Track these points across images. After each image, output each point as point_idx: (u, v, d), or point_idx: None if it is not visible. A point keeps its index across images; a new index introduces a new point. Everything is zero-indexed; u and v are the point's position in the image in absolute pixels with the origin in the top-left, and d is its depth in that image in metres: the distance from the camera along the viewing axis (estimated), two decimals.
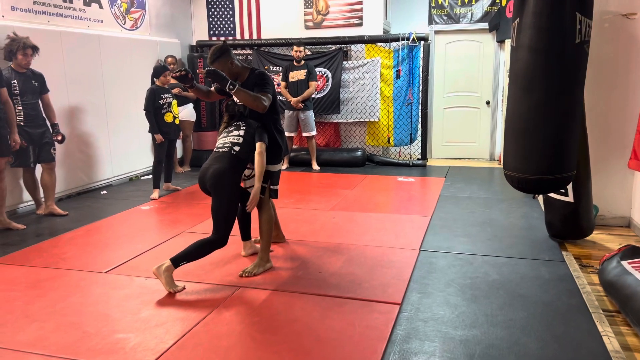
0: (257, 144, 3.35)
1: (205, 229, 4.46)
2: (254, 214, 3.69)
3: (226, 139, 3.37)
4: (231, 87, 3.21)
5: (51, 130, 4.97)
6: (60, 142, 5.05)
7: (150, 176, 6.16)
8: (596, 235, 4.17)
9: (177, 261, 3.15)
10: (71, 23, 5.82)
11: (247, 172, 3.54)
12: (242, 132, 3.37)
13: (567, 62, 3.23)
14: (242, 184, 3.49)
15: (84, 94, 5.92)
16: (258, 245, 3.79)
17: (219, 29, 8.11)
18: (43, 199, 5.10)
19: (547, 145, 3.34)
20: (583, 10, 3.20)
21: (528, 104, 3.33)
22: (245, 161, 3.35)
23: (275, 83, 7.10)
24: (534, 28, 3.23)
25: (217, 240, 3.22)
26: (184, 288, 3.20)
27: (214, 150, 3.41)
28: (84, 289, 3.27)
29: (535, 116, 3.32)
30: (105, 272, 3.53)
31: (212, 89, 3.68)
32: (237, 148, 3.29)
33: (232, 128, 3.44)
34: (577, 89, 3.36)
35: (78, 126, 5.87)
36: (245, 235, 3.77)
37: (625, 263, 2.93)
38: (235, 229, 4.19)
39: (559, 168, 3.38)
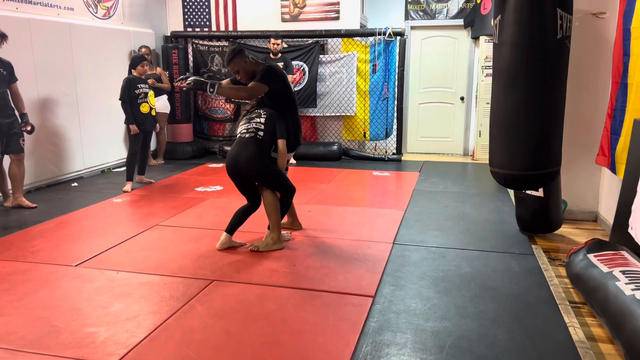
0: (280, 142, 3.68)
1: (178, 222, 4.42)
2: (258, 214, 3.85)
3: (249, 125, 3.69)
4: (211, 89, 3.45)
5: (20, 121, 4.84)
6: (30, 132, 4.92)
7: (123, 168, 6.06)
8: (564, 229, 4.27)
9: (275, 227, 3.66)
10: (40, 10, 5.67)
11: None
12: (262, 120, 3.68)
13: (549, 57, 3.28)
14: None
15: (54, 83, 5.78)
16: (235, 240, 3.80)
17: (194, 19, 8.00)
18: (11, 191, 4.98)
19: (532, 140, 3.38)
20: (563, 6, 3.26)
21: (512, 100, 3.37)
22: (270, 144, 3.67)
23: None
24: (515, 24, 3.27)
25: (288, 193, 3.75)
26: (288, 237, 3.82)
27: (239, 135, 3.72)
28: (53, 282, 3.20)
29: (519, 112, 3.36)
30: (76, 266, 3.47)
31: (223, 82, 3.91)
32: (261, 133, 3.64)
33: (254, 115, 3.74)
34: (560, 84, 3.41)
35: (48, 117, 5.73)
36: (232, 228, 3.77)
37: (591, 256, 3.01)
38: (224, 219, 4.18)
39: (545, 163, 3.43)
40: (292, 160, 7.13)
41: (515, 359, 2.37)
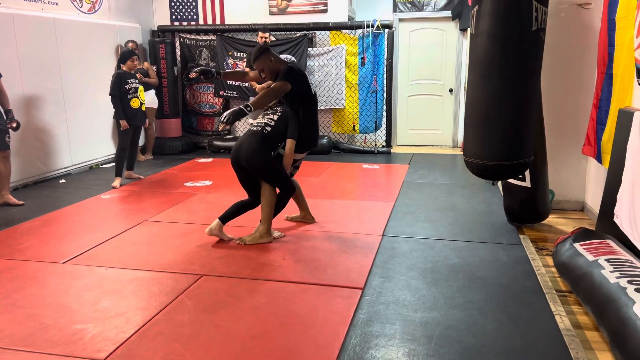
0: (288, 141, 3.73)
1: (167, 217, 4.41)
2: (253, 211, 3.90)
3: (262, 120, 3.79)
4: (249, 108, 3.46)
5: (5, 117, 4.79)
6: (15, 129, 4.86)
7: (111, 164, 6.02)
8: (552, 219, 4.31)
9: (266, 221, 3.70)
10: (24, 5, 5.59)
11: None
12: (275, 117, 3.76)
13: (524, 49, 3.29)
14: None
15: (40, 79, 5.72)
16: (227, 234, 3.80)
17: (181, 13, 7.93)
18: None
19: (505, 131, 3.40)
20: None
21: (487, 90, 3.39)
22: (276, 140, 3.72)
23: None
24: (492, 15, 3.28)
25: (287, 191, 3.79)
26: (282, 234, 3.89)
27: (249, 127, 3.82)
28: (41, 279, 3.18)
29: (493, 103, 3.38)
30: (64, 263, 3.45)
31: (248, 70, 4.08)
32: (268, 129, 3.70)
33: (270, 111, 3.83)
34: (534, 76, 3.43)
35: (34, 113, 5.67)
36: (226, 217, 3.77)
37: (577, 245, 3.05)
38: (213, 214, 4.17)
39: (517, 154, 3.45)
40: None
41: (503, 348, 2.40)
